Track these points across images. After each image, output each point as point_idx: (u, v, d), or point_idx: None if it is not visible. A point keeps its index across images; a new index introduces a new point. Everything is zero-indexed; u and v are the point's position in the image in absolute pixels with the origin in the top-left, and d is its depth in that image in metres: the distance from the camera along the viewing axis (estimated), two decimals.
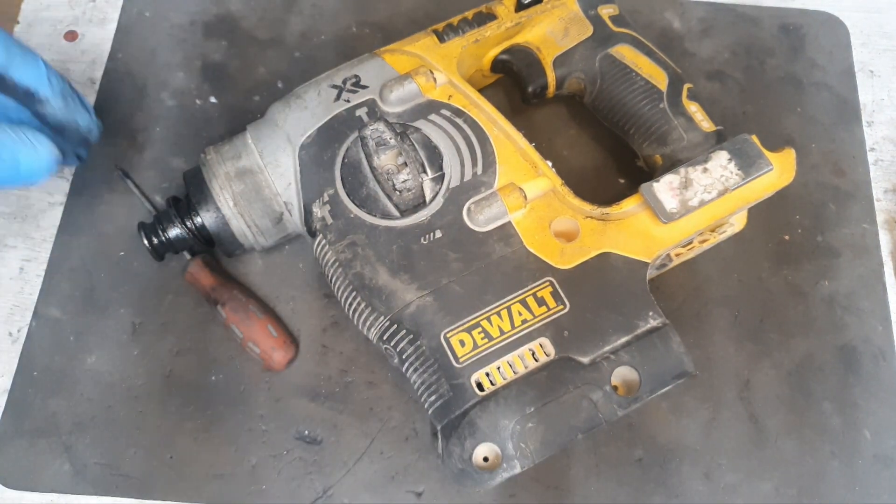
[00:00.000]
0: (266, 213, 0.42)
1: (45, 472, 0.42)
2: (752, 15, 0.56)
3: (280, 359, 0.43)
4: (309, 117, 0.41)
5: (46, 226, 0.48)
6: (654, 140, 0.44)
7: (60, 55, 0.53)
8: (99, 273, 0.46)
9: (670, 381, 0.37)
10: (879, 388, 0.45)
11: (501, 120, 0.42)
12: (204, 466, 0.42)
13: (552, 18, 0.46)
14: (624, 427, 0.44)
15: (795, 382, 0.45)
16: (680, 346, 0.38)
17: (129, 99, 0.51)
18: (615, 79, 0.45)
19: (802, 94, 0.53)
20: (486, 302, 0.38)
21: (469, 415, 0.36)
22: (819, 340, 0.46)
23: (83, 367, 0.44)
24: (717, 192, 0.40)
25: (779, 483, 0.43)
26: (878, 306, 0.47)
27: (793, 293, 0.47)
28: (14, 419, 0.43)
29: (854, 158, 0.51)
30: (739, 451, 0.43)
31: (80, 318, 0.45)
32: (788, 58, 0.54)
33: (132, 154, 0.50)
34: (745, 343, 0.46)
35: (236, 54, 0.53)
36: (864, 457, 0.43)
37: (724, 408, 0.44)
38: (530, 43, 0.47)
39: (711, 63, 0.54)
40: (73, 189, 0.49)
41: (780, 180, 0.41)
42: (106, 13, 0.55)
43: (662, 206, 0.40)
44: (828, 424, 0.44)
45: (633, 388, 0.37)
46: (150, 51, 0.53)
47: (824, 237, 0.49)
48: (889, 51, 0.55)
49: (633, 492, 0.42)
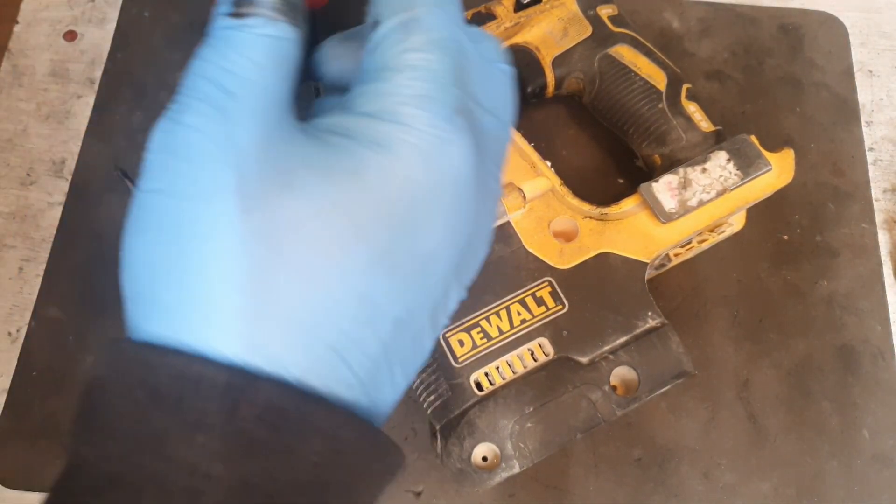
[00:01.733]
0: None
1: (45, 471, 0.42)
2: (751, 15, 0.56)
3: None
4: None
5: (46, 226, 0.48)
6: (652, 140, 0.44)
7: (59, 55, 0.53)
8: (98, 273, 0.46)
9: (669, 380, 0.37)
10: (878, 388, 0.45)
11: None
12: None
13: (551, 18, 0.46)
14: (623, 427, 0.44)
15: (794, 382, 0.45)
16: (679, 346, 0.38)
17: (128, 99, 0.51)
18: (614, 79, 0.45)
19: (801, 94, 0.53)
20: (485, 302, 0.38)
21: (468, 414, 0.36)
22: (818, 340, 0.46)
23: (83, 368, 0.44)
24: (715, 193, 0.40)
25: (778, 483, 0.43)
26: (877, 306, 0.47)
27: (792, 293, 0.47)
28: (13, 419, 0.43)
29: (853, 158, 0.51)
30: (738, 451, 0.43)
31: (79, 318, 0.45)
32: (787, 58, 0.54)
33: (131, 154, 0.50)
34: (743, 343, 0.46)
35: None
36: (863, 457, 0.43)
37: (723, 407, 0.44)
38: (529, 43, 0.47)
39: (710, 63, 0.54)
40: (72, 189, 0.49)
41: (779, 180, 0.41)
42: (105, 13, 0.55)
43: (661, 206, 0.40)
44: (827, 424, 0.44)
45: (632, 387, 0.37)
46: (149, 51, 0.53)
47: (823, 237, 0.49)
48: (888, 51, 0.55)
49: (632, 491, 0.42)
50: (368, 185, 0.20)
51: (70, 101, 0.52)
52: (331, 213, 0.20)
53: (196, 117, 0.20)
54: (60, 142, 0.51)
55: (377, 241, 0.20)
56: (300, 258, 0.20)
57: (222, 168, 0.19)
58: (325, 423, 0.20)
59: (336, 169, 0.20)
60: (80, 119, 0.51)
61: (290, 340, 0.20)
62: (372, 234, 0.20)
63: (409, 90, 0.21)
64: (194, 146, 0.20)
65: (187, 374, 0.19)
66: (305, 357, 0.20)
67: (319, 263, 0.20)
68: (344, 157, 0.20)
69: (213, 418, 0.19)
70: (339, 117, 0.21)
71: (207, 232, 0.19)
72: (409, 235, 0.21)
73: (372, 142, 0.21)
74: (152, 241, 0.21)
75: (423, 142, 0.21)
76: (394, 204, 0.21)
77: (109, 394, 0.20)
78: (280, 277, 0.20)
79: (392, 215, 0.21)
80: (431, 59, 0.22)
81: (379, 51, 0.22)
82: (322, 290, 0.20)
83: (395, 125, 0.21)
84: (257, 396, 0.19)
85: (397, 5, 0.22)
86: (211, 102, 0.20)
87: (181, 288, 0.20)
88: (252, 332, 0.19)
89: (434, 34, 0.22)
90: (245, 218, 0.19)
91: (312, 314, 0.20)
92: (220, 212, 0.19)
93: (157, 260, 0.20)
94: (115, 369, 0.20)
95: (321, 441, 0.20)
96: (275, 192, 0.19)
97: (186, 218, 0.20)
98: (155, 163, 0.20)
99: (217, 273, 0.19)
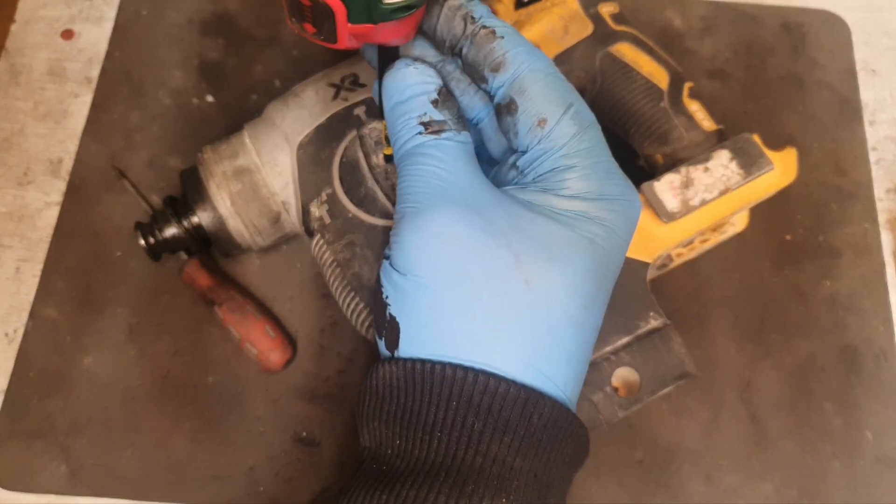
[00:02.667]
0: (263, 212, 0.41)
1: (42, 473, 0.42)
2: (754, 13, 0.56)
3: (277, 360, 0.43)
4: (307, 116, 0.41)
5: (43, 226, 0.48)
6: (654, 139, 0.44)
7: (57, 54, 0.53)
8: (95, 273, 0.46)
9: (671, 381, 0.37)
10: (881, 388, 0.45)
11: None
12: (201, 468, 0.42)
13: (552, 17, 0.46)
14: (624, 428, 0.43)
15: (797, 383, 0.45)
16: (681, 347, 0.37)
17: (125, 98, 0.51)
18: (615, 77, 0.45)
19: (804, 93, 0.53)
20: None
21: None
22: (820, 341, 0.46)
23: (80, 368, 0.44)
24: (718, 192, 0.40)
25: (780, 484, 0.43)
26: (880, 306, 0.47)
27: (794, 293, 0.47)
28: (10, 420, 0.43)
29: (856, 158, 0.51)
30: (740, 452, 0.43)
31: (76, 318, 0.45)
32: (790, 56, 0.54)
33: (129, 153, 0.49)
34: (746, 344, 0.46)
35: (234, 53, 0.53)
36: (866, 458, 0.43)
37: (725, 409, 0.44)
38: (530, 41, 0.46)
39: (712, 62, 0.54)
40: (69, 189, 0.49)
41: (782, 180, 0.41)
42: (103, 12, 0.54)
43: (663, 205, 0.39)
44: (829, 425, 0.44)
45: (634, 388, 0.37)
46: (147, 49, 0.53)
47: (826, 237, 0.49)
48: (891, 49, 0.55)
49: (634, 493, 0.42)
50: (602, 250, 0.28)
51: (67, 100, 0.52)
52: (586, 277, 0.27)
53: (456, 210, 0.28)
54: (58, 141, 0.50)
55: (608, 291, 0.29)
56: (574, 314, 0.27)
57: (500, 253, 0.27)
58: (575, 431, 0.28)
59: (578, 241, 0.27)
60: (78, 118, 0.51)
61: (553, 362, 0.27)
62: (607, 287, 0.29)
63: (599, 172, 0.28)
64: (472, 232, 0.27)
65: (494, 389, 0.25)
66: (560, 372, 0.27)
67: (583, 317, 0.27)
68: (579, 226, 0.27)
69: (514, 423, 0.26)
70: (552, 198, 0.28)
71: (501, 296, 0.26)
72: (614, 279, 0.29)
73: (598, 217, 0.28)
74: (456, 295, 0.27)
75: (623, 208, 0.28)
76: (614, 259, 0.28)
77: (418, 400, 0.26)
78: (566, 331, 0.27)
79: (613, 267, 0.29)
80: (595, 139, 0.29)
81: (552, 137, 0.28)
82: (588, 333, 0.28)
83: (613, 201, 0.28)
84: (544, 409, 0.26)
85: (560, 101, 0.28)
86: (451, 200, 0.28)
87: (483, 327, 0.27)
88: (531, 358, 0.26)
89: (588, 118, 0.29)
90: (525, 289, 0.26)
91: (576, 350, 0.28)
92: (507, 280, 0.26)
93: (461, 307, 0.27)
94: (425, 382, 0.26)
95: (573, 444, 0.28)
96: (541, 264, 0.27)
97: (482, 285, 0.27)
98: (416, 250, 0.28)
99: (506, 319, 0.26)
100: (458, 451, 0.25)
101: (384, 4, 0.26)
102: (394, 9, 0.27)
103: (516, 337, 0.26)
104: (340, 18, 0.26)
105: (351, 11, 0.26)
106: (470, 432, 0.25)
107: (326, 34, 0.27)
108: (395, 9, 0.27)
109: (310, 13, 0.26)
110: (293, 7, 0.27)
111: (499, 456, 0.25)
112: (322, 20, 0.27)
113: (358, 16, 0.26)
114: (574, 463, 0.29)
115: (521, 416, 0.25)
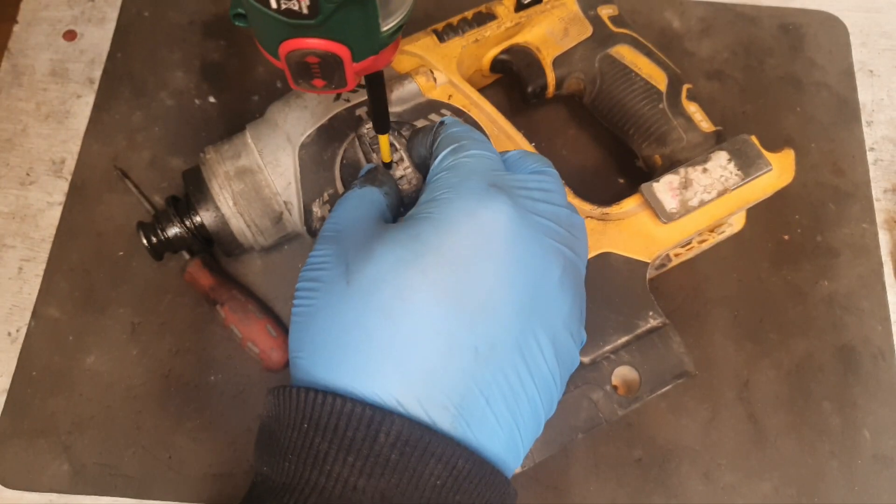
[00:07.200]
0: (265, 212, 0.42)
1: (45, 471, 0.42)
2: (752, 14, 0.56)
3: (279, 359, 0.43)
4: (309, 117, 0.41)
5: (45, 225, 0.48)
6: (653, 140, 0.44)
7: (59, 55, 0.53)
8: (98, 273, 0.46)
9: (670, 380, 0.37)
10: (879, 387, 0.45)
11: (501, 120, 0.42)
12: (203, 466, 0.42)
13: (552, 19, 0.46)
14: (623, 427, 0.44)
15: (795, 382, 0.45)
16: (680, 346, 0.38)
17: (127, 98, 0.51)
18: (615, 79, 0.45)
19: (802, 94, 0.53)
20: None
21: None
22: (818, 340, 0.46)
23: (82, 367, 0.44)
24: (716, 193, 0.40)
25: (778, 483, 0.43)
26: (878, 306, 0.47)
27: (792, 293, 0.47)
28: (13, 419, 0.43)
29: (853, 158, 0.51)
30: (739, 451, 0.43)
31: (79, 317, 0.45)
32: (788, 57, 0.54)
33: (131, 154, 0.50)
34: (744, 343, 0.46)
35: (235, 54, 0.53)
36: (864, 457, 0.43)
37: (724, 408, 0.44)
38: (530, 43, 0.46)
39: (711, 63, 0.54)
40: (71, 189, 0.49)
41: (780, 180, 0.41)
42: (105, 13, 0.54)
43: (662, 205, 0.40)
44: (827, 424, 0.44)
45: (634, 387, 0.37)
46: (149, 50, 0.53)
47: (824, 237, 0.49)
48: (889, 50, 0.55)
49: (633, 492, 0.42)
50: (425, 241, 0.28)
51: (70, 100, 0.52)
52: (398, 266, 0.27)
53: (326, 248, 0.30)
54: (60, 141, 0.50)
55: (440, 282, 0.27)
56: (384, 303, 0.27)
57: (338, 268, 0.29)
58: (441, 451, 0.26)
59: (401, 237, 0.28)
60: (80, 119, 0.51)
61: (389, 370, 0.26)
62: (434, 278, 0.27)
63: (454, 179, 0.30)
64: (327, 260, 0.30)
65: (340, 409, 0.26)
66: (402, 384, 0.26)
67: (398, 306, 0.27)
68: (408, 227, 0.28)
69: (360, 444, 0.25)
70: (411, 209, 0.30)
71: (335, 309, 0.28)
72: (467, 277, 0.27)
73: (427, 213, 0.29)
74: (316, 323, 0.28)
75: (465, 202, 0.28)
76: (447, 252, 0.27)
77: (281, 425, 0.27)
78: (376, 323, 0.27)
79: (451, 263, 0.27)
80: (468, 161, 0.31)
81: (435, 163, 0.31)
82: (406, 327, 0.27)
83: (442, 199, 0.29)
84: (392, 428, 0.25)
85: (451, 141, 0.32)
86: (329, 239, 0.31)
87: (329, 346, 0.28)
88: (370, 371, 0.26)
89: (474, 151, 0.31)
90: (351, 290, 0.27)
91: (403, 348, 0.26)
92: (339, 291, 0.28)
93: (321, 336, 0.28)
94: (285, 408, 0.27)
95: (441, 466, 0.26)
96: (360, 263, 0.28)
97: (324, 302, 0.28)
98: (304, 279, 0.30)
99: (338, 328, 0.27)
100: (304, 472, 0.26)
101: (383, 32, 0.27)
102: (391, 32, 0.28)
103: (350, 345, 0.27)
104: (347, 62, 0.27)
105: (355, 51, 0.27)
106: (316, 453, 0.26)
107: (337, 82, 0.28)
108: (392, 32, 0.28)
109: (318, 69, 0.27)
110: (299, 72, 0.27)
111: (341, 475, 0.25)
112: (331, 71, 0.27)
113: (362, 53, 0.27)
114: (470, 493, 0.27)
115: (365, 435, 0.25)
